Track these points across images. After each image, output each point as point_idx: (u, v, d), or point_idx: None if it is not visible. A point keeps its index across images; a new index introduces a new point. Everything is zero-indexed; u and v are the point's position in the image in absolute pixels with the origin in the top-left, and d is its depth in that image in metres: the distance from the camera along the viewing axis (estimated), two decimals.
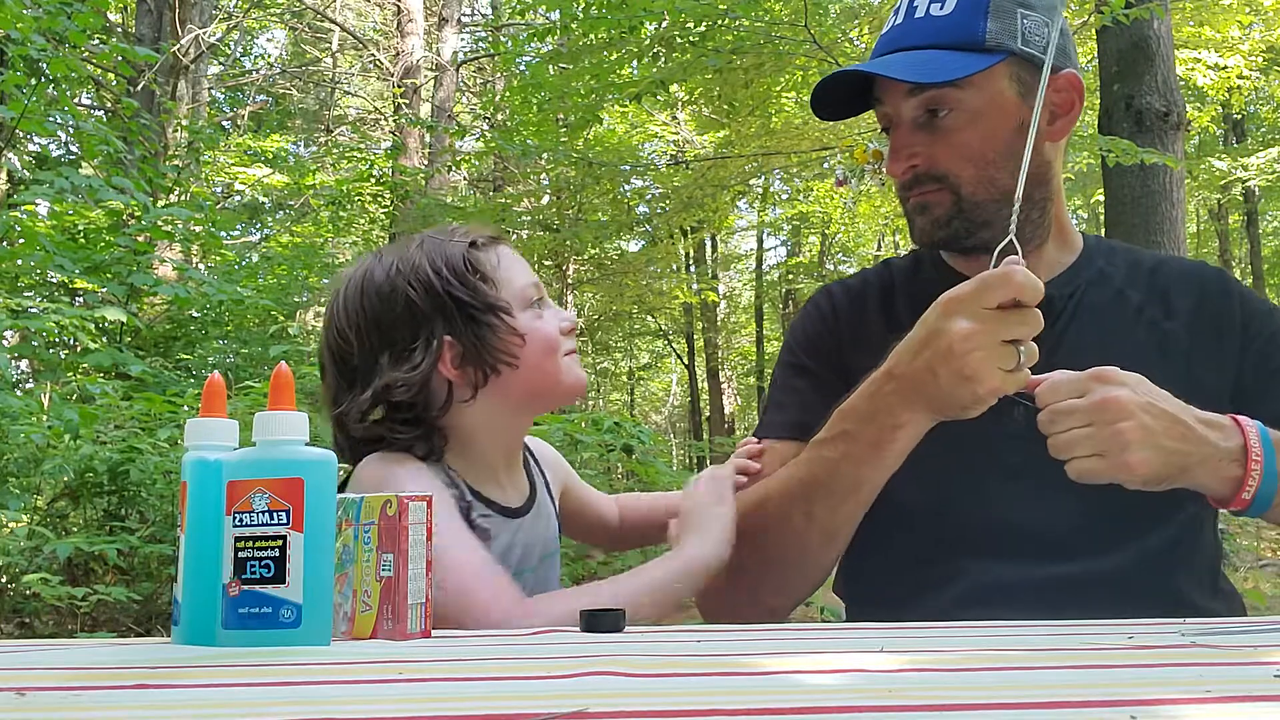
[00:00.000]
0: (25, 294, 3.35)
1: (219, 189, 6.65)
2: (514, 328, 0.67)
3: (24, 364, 4.04)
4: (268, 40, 9.93)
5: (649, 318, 9.22)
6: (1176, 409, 0.57)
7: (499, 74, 7.45)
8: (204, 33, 6.04)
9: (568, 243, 6.01)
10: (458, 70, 7.30)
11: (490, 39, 7.80)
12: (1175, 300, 0.72)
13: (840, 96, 0.71)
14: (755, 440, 0.75)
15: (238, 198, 6.91)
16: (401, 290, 0.66)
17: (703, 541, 0.64)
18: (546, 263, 7.52)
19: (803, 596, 0.69)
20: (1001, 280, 0.54)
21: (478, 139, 5.87)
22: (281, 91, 8.99)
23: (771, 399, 0.77)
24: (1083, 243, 0.75)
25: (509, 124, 5.55)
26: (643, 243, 7.65)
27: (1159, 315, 0.71)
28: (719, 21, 3.49)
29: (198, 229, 3.86)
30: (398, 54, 7.03)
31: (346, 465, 0.68)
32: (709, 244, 9.35)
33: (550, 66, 4.22)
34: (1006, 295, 0.54)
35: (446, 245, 0.68)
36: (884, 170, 0.77)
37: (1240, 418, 0.59)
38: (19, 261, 3.25)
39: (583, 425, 3.16)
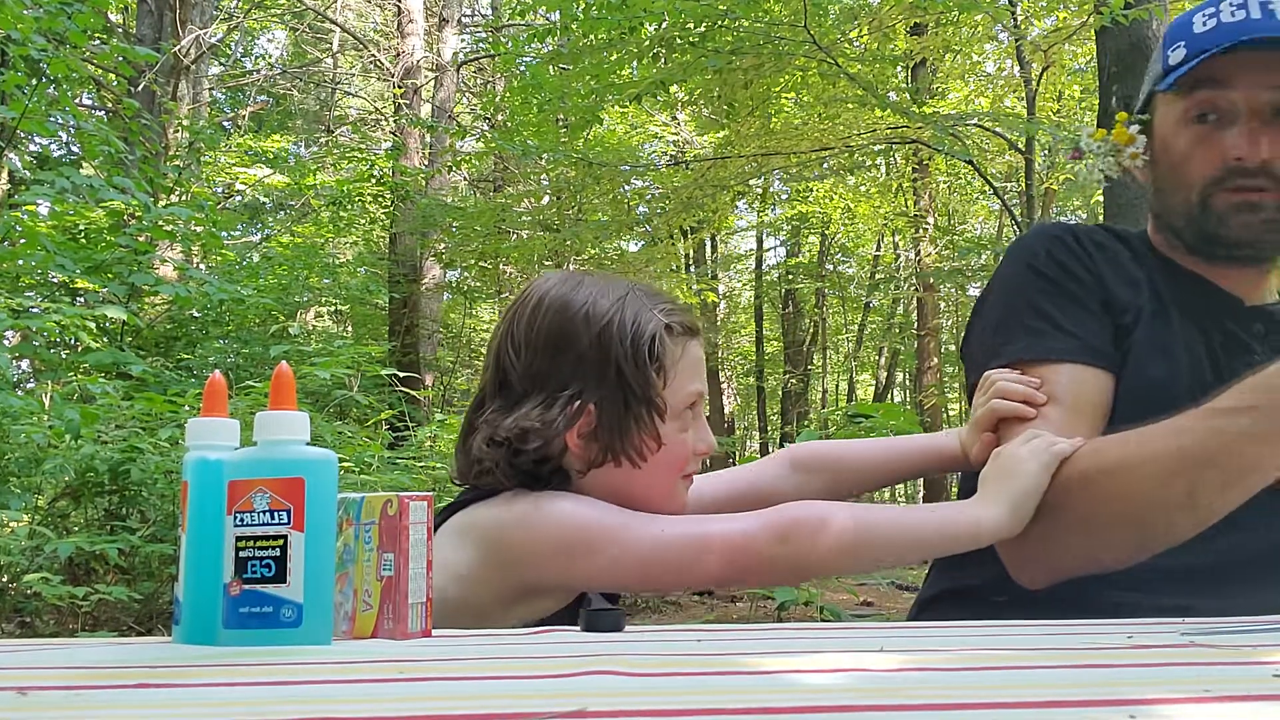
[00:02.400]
0: (26, 294, 3.35)
1: (220, 189, 6.66)
2: (658, 431, 0.63)
3: (25, 364, 4.04)
4: (268, 41, 9.95)
5: None
6: None
7: (499, 74, 7.45)
8: (204, 33, 6.04)
9: (568, 243, 6.01)
10: (458, 71, 7.30)
11: (490, 39, 7.80)
12: None
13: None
14: (1013, 369, 0.67)
15: (238, 198, 6.92)
16: (581, 337, 0.62)
17: (1000, 509, 0.59)
18: (547, 263, 7.52)
19: (1142, 559, 0.61)
20: None
21: (478, 139, 5.88)
22: (282, 92, 8.99)
23: (1024, 326, 0.68)
24: None
25: (509, 124, 5.55)
26: (642, 243, 7.65)
27: None
28: (719, 22, 3.49)
29: (198, 229, 3.86)
30: (398, 54, 7.03)
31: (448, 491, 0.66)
32: (709, 244, 9.35)
33: (550, 67, 4.22)
34: None
35: (646, 314, 0.63)
36: (1134, 155, 0.72)
37: None
38: (20, 261, 3.25)
39: None
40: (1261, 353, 0.68)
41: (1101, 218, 3.25)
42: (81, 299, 3.68)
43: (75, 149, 5.21)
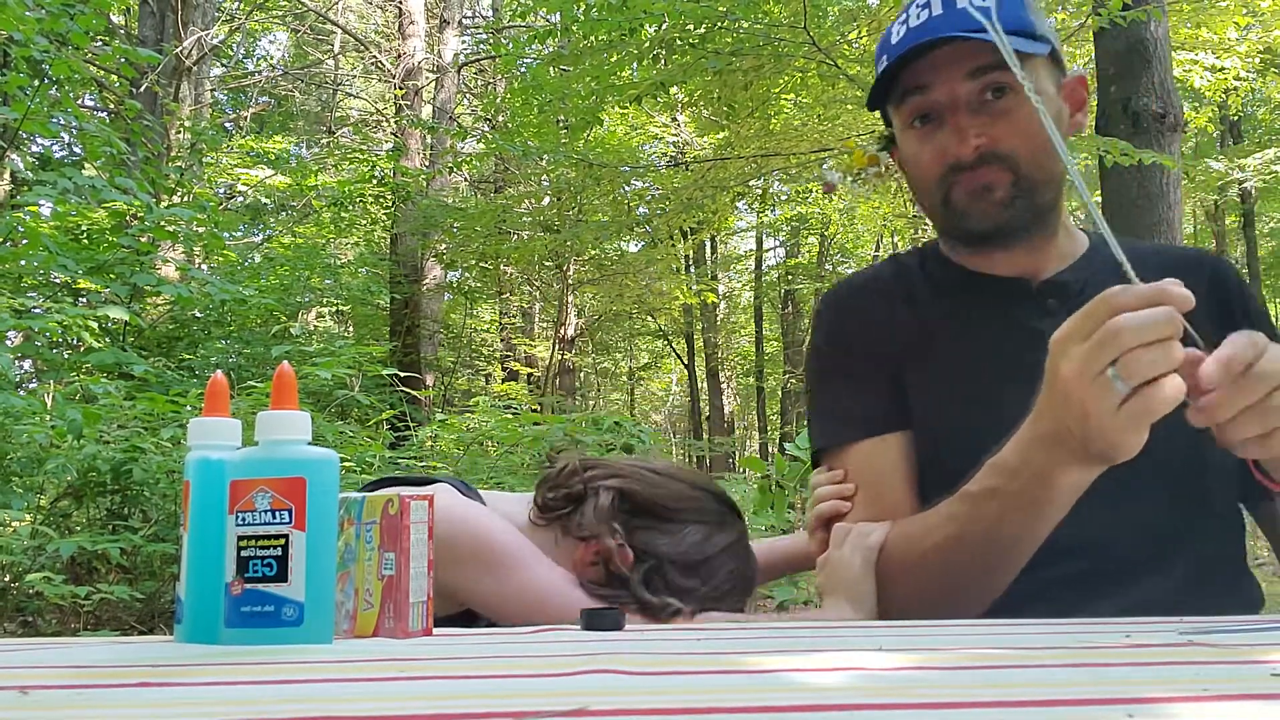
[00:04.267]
0: (29, 294, 3.35)
1: (221, 190, 6.66)
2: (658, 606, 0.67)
3: (27, 364, 4.04)
4: (270, 42, 9.97)
5: (649, 318, 9.23)
6: None
7: (500, 76, 7.46)
8: (206, 35, 6.05)
9: (568, 243, 6.00)
10: (459, 72, 7.30)
11: (491, 41, 7.81)
12: (1186, 284, 0.72)
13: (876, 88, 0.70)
14: (822, 454, 0.73)
15: (240, 199, 6.92)
16: (694, 561, 0.68)
17: (846, 613, 0.65)
18: (547, 263, 7.53)
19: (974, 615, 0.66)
20: (1080, 317, 0.49)
21: (479, 140, 5.87)
22: (283, 93, 9.01)
23: (820, 408, 0.74)
24: (1087, 237, 0.76)
25: (510, 125, 5.55)
26: (643, 244, 7.65)
27: None
28: (719, 24, 3.49)
29: (200, 229, 3.86)
30: (399, 56, 7.04)
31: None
32: (709, 245, 9.35)
33: (551, 68, 4.22)
34: (1090, 325, 0.48)
35: (731, 577, 0.70)
36: (883, 173, 0.78)
37: None
38: (22, 262, 3.26)
39: (583, 425, 3.17)
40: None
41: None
42: (84, 299, 3.68)
43: (77, 150, 5.22)
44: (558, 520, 0.69)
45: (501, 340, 8.92)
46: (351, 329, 7.47)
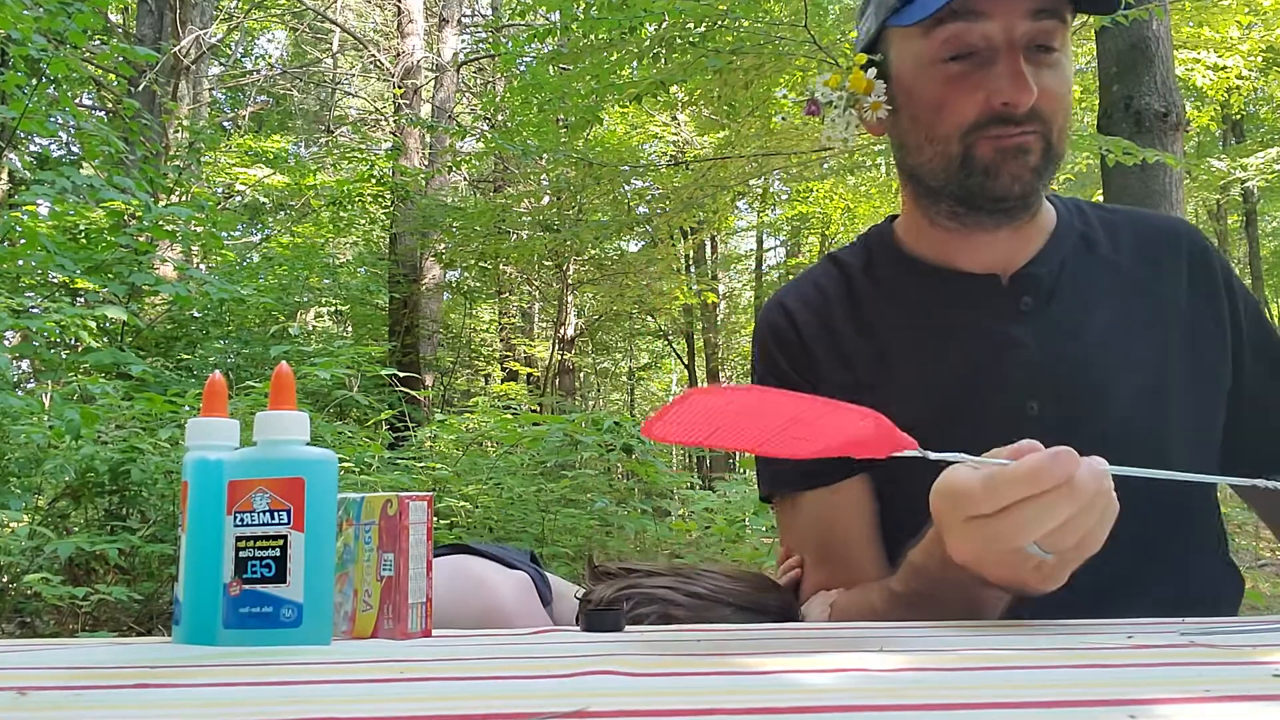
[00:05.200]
0: (26, 294, 3.35)
1: (220, 189, 6.66)
2: None
3: (25, 364, 4.04)
4: (268, 41, 9.96)
5: (649, 318, 9.24)
6: None
7: (499, 74, 7.46)
8: (205, 33, 6.05)
9: (568, 243, 6.00)
10: (458, 71, 7.30)
11: (490, 40, 7.81)
12: (1164, 261, 0.64)
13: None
14: (771, 498, 0.67)
15: (239, 198, 6.92)
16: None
17: None
18: (547, 263, 7.53)
19: None
20: (981, 487, 0.43)
21: (478, 139, 5.88)
22: (282, 92, 9.00)
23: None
24: (1053, 206, 0.66)
25: (509, 124, 5.55)
26: (643, 243, 7.65)
27: (1151, 279, 0.63)
28: (719, 22, 3.49)
29: (199, 229, 3.86)
30: (398, 54, 7.04)
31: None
32: (709, 245, 9.36)
33: (550, 67, 4.22)
34: (992, 502, 0.43)
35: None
36: (880, 108, 0.61)
37: None
38: (20, 261, 3.25)
39: (582, 425, 3.17)
40: (1034, 338, 0.60)
41: None
42: (81, 299, 3.68)
43: (75, 149, 5.21)
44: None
45: (501, 340, 8.92)
46: (350, 329, 7.47)
